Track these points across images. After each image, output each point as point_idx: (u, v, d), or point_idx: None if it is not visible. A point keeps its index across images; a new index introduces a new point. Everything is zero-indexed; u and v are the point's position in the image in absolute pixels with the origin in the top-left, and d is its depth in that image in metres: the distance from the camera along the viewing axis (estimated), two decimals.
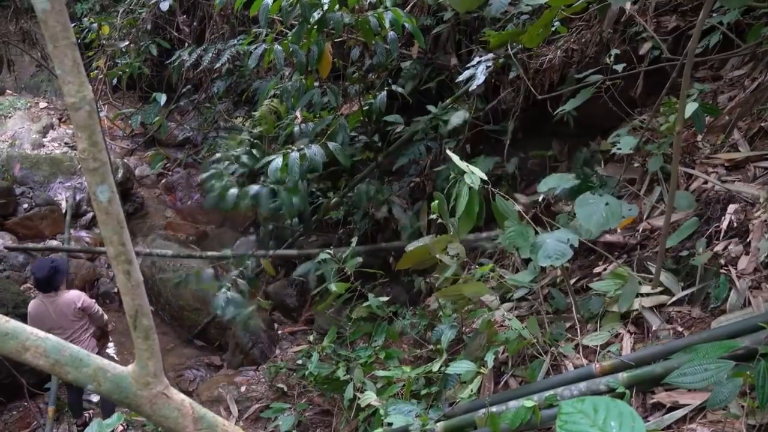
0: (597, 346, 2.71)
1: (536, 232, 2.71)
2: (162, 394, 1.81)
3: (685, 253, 2.82)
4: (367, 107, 4.85)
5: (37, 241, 6.81)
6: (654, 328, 2.61)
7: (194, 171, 8.76)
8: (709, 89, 3.45)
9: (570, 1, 2.86)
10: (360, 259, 3.78)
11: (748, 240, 2.64)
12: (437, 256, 2.93)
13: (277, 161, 4.09)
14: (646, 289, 2.77)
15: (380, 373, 3.31)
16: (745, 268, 2.53)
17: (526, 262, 3.59)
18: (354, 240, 4.01)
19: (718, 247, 2.69)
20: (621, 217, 2.68)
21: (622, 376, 2.35)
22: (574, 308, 2.96)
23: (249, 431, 4.26)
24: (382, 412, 2.85)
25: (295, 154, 4.11)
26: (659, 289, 2.73)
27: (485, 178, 2.71)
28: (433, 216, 2.94)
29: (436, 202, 2.88)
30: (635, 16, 3.67)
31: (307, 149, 4.13)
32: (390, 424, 2.76)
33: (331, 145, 4.27)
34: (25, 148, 8.59)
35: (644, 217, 3.23)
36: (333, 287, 3.65)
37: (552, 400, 2.39)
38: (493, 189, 2.77)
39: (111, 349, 5.86)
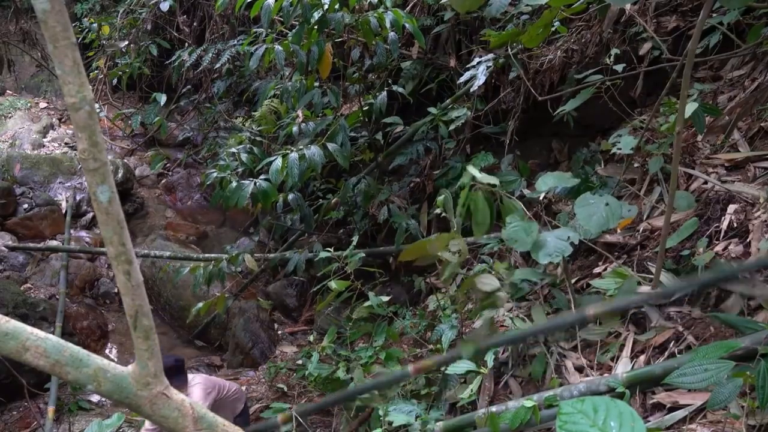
0: (596, 344, 2.71)
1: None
2: (162, 394, 1.81)
3: (685, 252, 2.82)
4: (367, 107, 4.85)
5: (37, 241, 6.81)
6: (653, 324, 2.61)
7: (194, 171, 8.75)
8: (709, 89, 3.45)
9: (570, 1, 2.86)
10: (363, 254, 3.77)
11: (748, 240, 2.64)
12: (439, 253, 2.90)
13: (277, 162, 4.09)
14: (646, 288, 2.77)
15: (380, 370, 3.30)
16: None
17: (527, 261, 3.60)
18: (354, 239, 4.01)
19: (719, 247, 2.69)
20: (620, 218, 2.68)
21: (622, 376, 2.35)
22: (573, 308, 2.96)
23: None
24: (381, 412, 2.85)
25: (294, 155, 4.11)
26: (659, 289, 2.73)
27: (497, 183, 2.70)
28: (438, 211, 2.92)
29: (442, 197, 2.85)
30: (635, 17, 3.67)
31: (306, 150, 4.13)
32: (390, 424, 2.76)
33: (330, 146, 4.27)
34: (26, 148, 8.59)
35: (644, 217, 3.23)
36: (333, 285, 3.65)
37: (552, 401, 2.39)
38: (501, 192, 2.76)
39: (111, 350, 5.86)
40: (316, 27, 4.24)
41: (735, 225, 2.73)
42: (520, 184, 3.83)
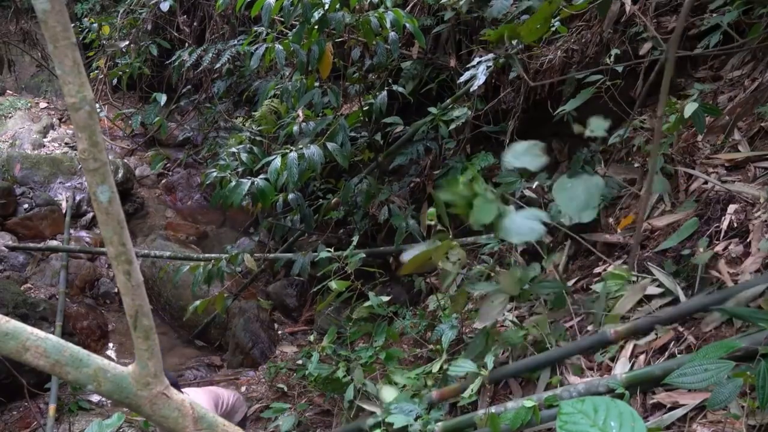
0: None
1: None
2: (162, 394, 1.81)
3: (686, 251, 2.82)
4: (367, 107, 4.85)
5: (37, 242, 6.81)
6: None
7: (194, 171, 8.76)
8: (709, 89, 3.45)
9: None
10: (363, 255, 3.76)
11: (748, 240, 2.64)
12: (440, 263, 2.89)
13: (276, 162, 4.08)
14: (649, 290, 2.76)
15: (391, 374, 3.27)
16: (747, 268, 2.53)
17: (528, 262, 3.59)
18: (355, 239, 4.00)
19: (719, 248, 2.69)
20: (601, 196, 2.61)
21: (622, 376, 2.35)
22: (571, 308, 2.96)
23: (249, 431, 4.26)
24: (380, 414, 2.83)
25: (293, 155, 4.10)
26: (661, 290, 2.72)
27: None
28: (430, 222, 2.92)
29: (432, 210, 2.85)
30: (638, 14, 3.67)
31: (305, 150, 4.13)
32: (390, 424, 2.76)
33: (329, 145, 4.27)
34: (26, 148, 8.59)
35: (645, 217, 3.23)
36: (333, 285, 3.65)
37: (552, 401, 2.39)
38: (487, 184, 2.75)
39: (111, 350, 5.87)
40: (316, 27, 4.24)
41: (735, 225, 2.73)
42: (521, 185, 3.81)
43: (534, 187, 3.62)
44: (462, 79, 4.27)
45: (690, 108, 2.85)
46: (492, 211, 2.44)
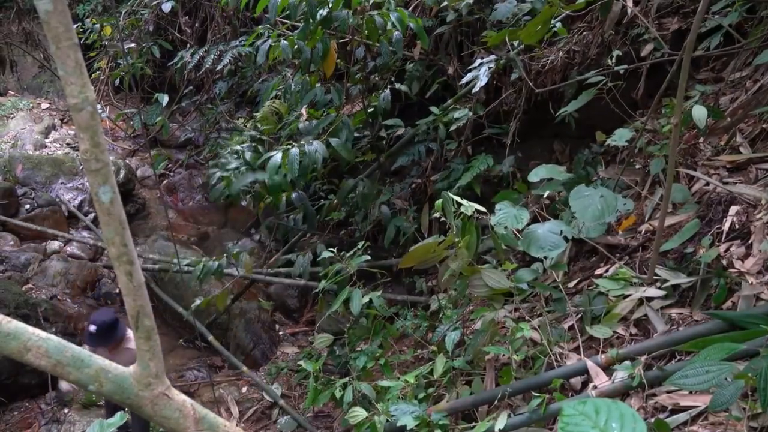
0: (598, 346, 2.71)
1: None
2: (163, 394, 1.81)
3: (690, 249, 2.81)
4: (372, 108, 4.84)
5: (38, 242, 6.81)
6: (657, 333, 2.61)
7: (196, 172, 8.76)
8: (710, 91, 3.44)
9: None
10: (368, 258, 3.72)
11: (750, 242, 2.63)
12: (448, 265, 2.89)
13: (277, 157, 4.06)
14: (649, 291, 2.76)
15: (383, 383, 3.26)
16: (748, 270, 2.53)
17: (529, 263, 3.59)
18: (361, 244, 3.97)
19: (720, 249, 2.69)
20: (616, 210, 2.64)
21: (623, 378, 2.35)
22: (570, 309, 2.96)
23: (249, 431, 4.26)
24: (377, 420, 2.82)
25: (295, 150, 4.07)
26: (663, 293, 2.72)
27: (483, 209, 2.73)
28: (436, 215, 2.92)
29: (440, 201, 2.86)
30: (638, 16, 3.67)
31: (307, 146, 4.10)
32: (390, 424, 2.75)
33: (333, 141, 4.25)
34: (27, 148, 8.60)
35: (646, 218, 3.23)
36: (323, 284, 3.62)
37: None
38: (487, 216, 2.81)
39: None
40: (320, 25, 4.22)
41: (737, 227, 2.73)
42: (521, 200, 3.81)
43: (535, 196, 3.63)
44: (464, 80, 4.27)
45: (698, 112, 2.85)
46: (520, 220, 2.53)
